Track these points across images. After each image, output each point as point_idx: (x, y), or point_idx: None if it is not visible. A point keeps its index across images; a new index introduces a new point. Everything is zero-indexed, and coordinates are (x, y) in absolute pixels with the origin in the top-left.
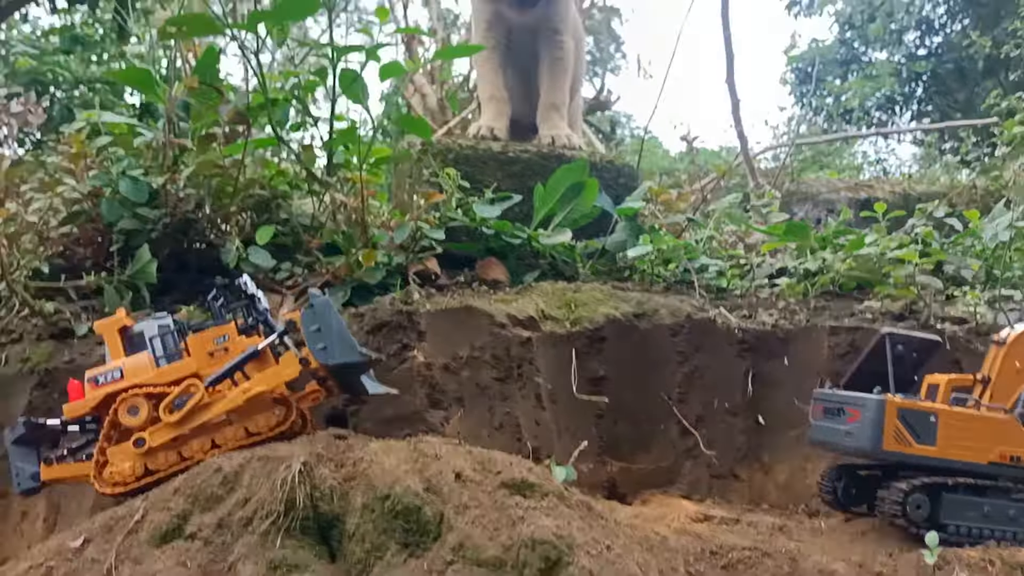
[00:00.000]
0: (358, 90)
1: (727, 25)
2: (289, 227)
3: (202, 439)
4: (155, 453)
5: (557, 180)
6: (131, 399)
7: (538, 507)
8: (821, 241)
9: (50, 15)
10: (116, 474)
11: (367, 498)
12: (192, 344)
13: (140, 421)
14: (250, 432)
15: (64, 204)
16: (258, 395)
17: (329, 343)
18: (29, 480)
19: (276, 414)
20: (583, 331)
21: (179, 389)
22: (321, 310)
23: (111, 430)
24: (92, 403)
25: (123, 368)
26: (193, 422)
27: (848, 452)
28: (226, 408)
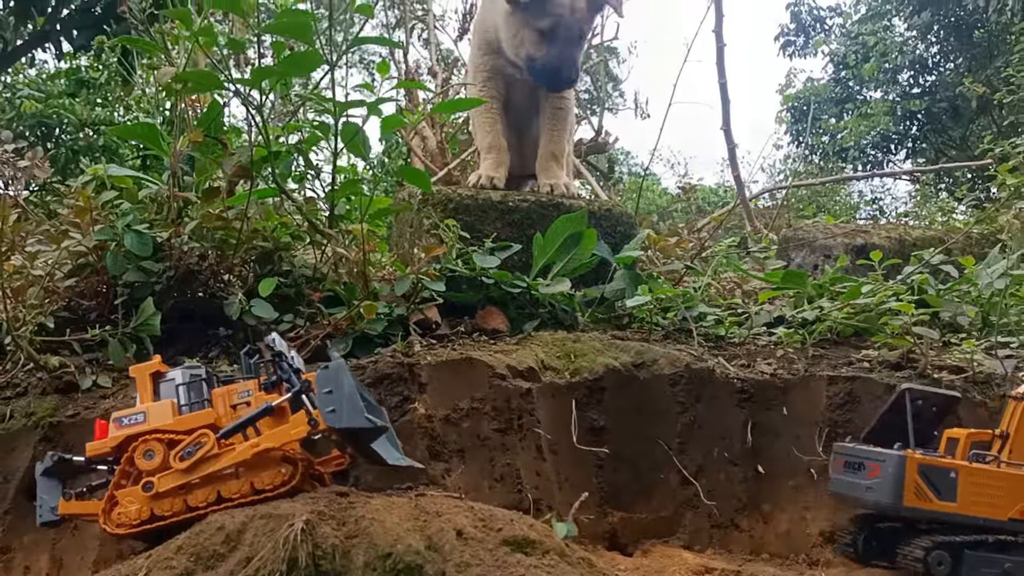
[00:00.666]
0: (359, 144)
1: (722, 72)
2: (291, 279)
3: (208, 489)
4: (161, 499)
5: (556, 230)
6: (149, 443)
7: (539, 564)
8: (818, 288)
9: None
10: (123, 515)
11: (369, 556)
12: (216, 396)
13: (155, 466)
14: (255, 488)
15: (70, 257)
16: (266, 451)
17: (339, 406)
18: (50, 513)
19: (282, 472)
20: (583, 381)
21: (191, 438)
22: (335, 372)
23: (126, 472)
24: (113, 443)
25: (146, 412)
26: (201, 471)
27: (869, 507)
28: (234, 461)
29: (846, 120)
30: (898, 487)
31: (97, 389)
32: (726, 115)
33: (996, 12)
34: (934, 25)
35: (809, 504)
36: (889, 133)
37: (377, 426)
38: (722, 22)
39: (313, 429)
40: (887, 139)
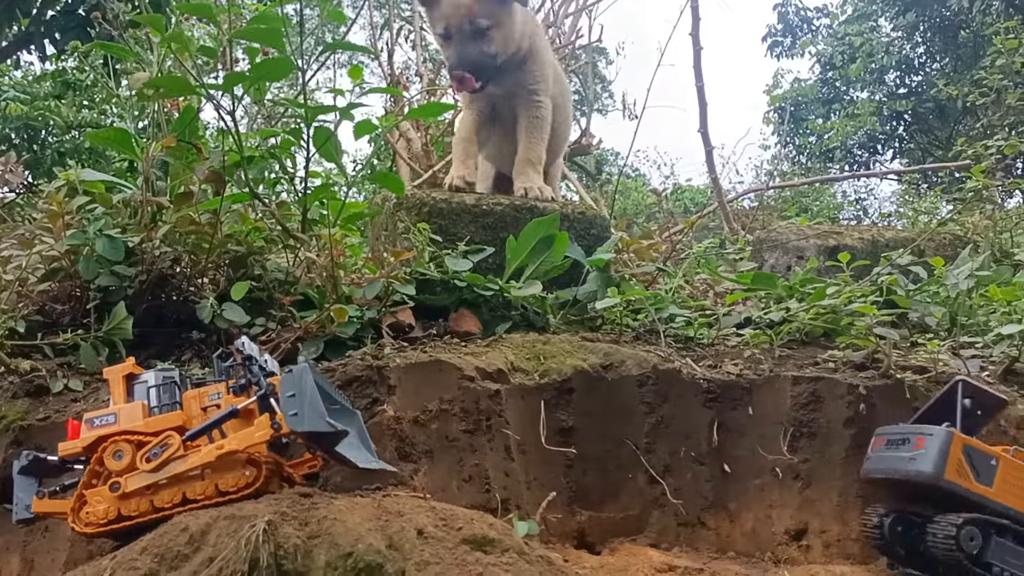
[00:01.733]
0: (332, 148)
1: (700, 75)
2: (264, 283)
3: (174, 490)
4: (128, 499)
5: (528, 233)
6: (119, 444)
7: (498, 563)
8: (788, 290)
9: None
10: (91, 514)
11: (330, 556)
12: (186, 398)
13: (124, 466)
14: (220, 489)
15: (43, 262)
16: (230, 453)
17: (301, 410)
18: (24, 511)
19: (247, 474)
20: (551, 383)
21: (157, 440)
22: (299, 376)
23: (95, 472)
24: (84, 443)
25: (117, 414)
26: (166, 473)
27: (907, 477)
28: (199, 463)
29: (833, 120)
30: (941, 460)
31: (68, 392)
32: (703, 118)
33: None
34: (920, 26)
35: (774, 503)
36: (875, 133)
37: (337, 430)
38: (699, 25)
39: (276, 432)
40: (873, 139)
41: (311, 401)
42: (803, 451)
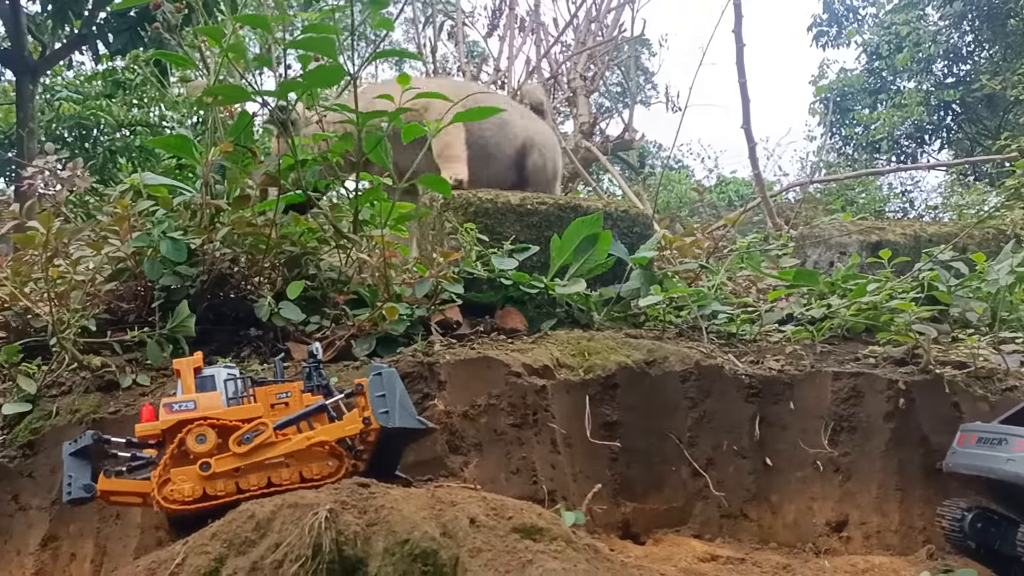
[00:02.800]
0: (382, 152)
1: (742, 72)
2: (318, 282)
3: (260, 475)
4: (216, 479)
5: (572, 232)
6: (200, 428)
7: (546, 551)
8: (830, 286)
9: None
10: (176, 492)
11: (388, 543)
12: (259, 393)
13: (206, 449)
14: (304, 477)
15: (109, 263)
16: (318, 444)
17: (392, 408)
18: (81, 490)
19: (330, 465)
20: (596, 378)
21: (250, 425)
22: (388, 378)
23: (176, 453)
24: (164, 426)
25: (197, 401)
26: (256, 457)
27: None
28: (287, 451)
29: (879, 111)
30: None
31: (136, 387)
32: (746, 114)
33: None
34: (968, 14)
35: (815, 495)
36: (923, 124)
37: (427, 427)
38: (741, 23)
39: (366, 427)
40: (921, 130)
41: (401, 400)
42: (843, 445)
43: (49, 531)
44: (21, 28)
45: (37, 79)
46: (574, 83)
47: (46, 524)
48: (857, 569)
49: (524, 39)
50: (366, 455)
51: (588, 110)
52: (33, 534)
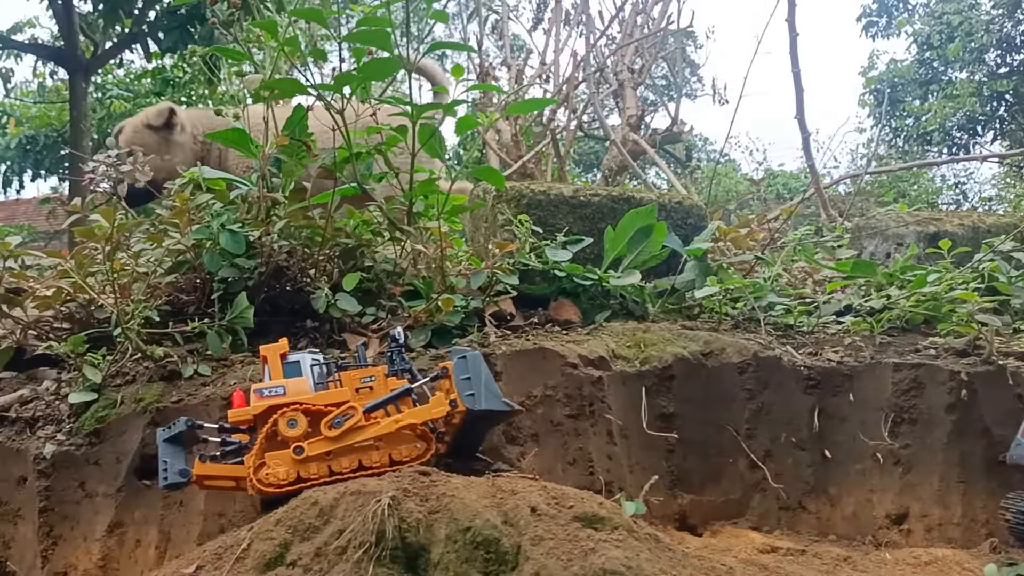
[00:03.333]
0: (436, 144)
1: (796, 62)
2: (373, 273)
3: (351, 457)
4: (309, 463)
5: (627, 223)
6: (291, 413)
7: (608, 539)
8: (888, 277)
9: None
10: (271, 476)
11: (450, 530)
12: (344, 378)
13: (297, 433)
14: (393, 460)
15: (169, 255)
16: (407, 427)
17: (477, 391)
18: (177, 475)
19: (418, 447)
20: (652, 369)
21: (340, 410)
22: (472, 361)
23: (268, 438)
24: (255, 411)
25: (286, 386)
26: (346, 441)
27: None
28: (377, 434)
29: (930, 102)
30: None
31: (197, 377)
32: (800, 105)
33: None
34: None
35: (875, 487)
36: (975, 115)
37: (513, 408)
38: (794, 11)
39: (452, 410)
40: (973, 121)
41: (487, 383)
42: (904, 437)
43: (115, 518)
44: (74, 27)
45: (89, 77)
46: (621, 75)
47: (112, 511)
48: (920, 562)
49: (570, 32)
50: (448, 437)
51: (635, 103)
52: (99, 520)
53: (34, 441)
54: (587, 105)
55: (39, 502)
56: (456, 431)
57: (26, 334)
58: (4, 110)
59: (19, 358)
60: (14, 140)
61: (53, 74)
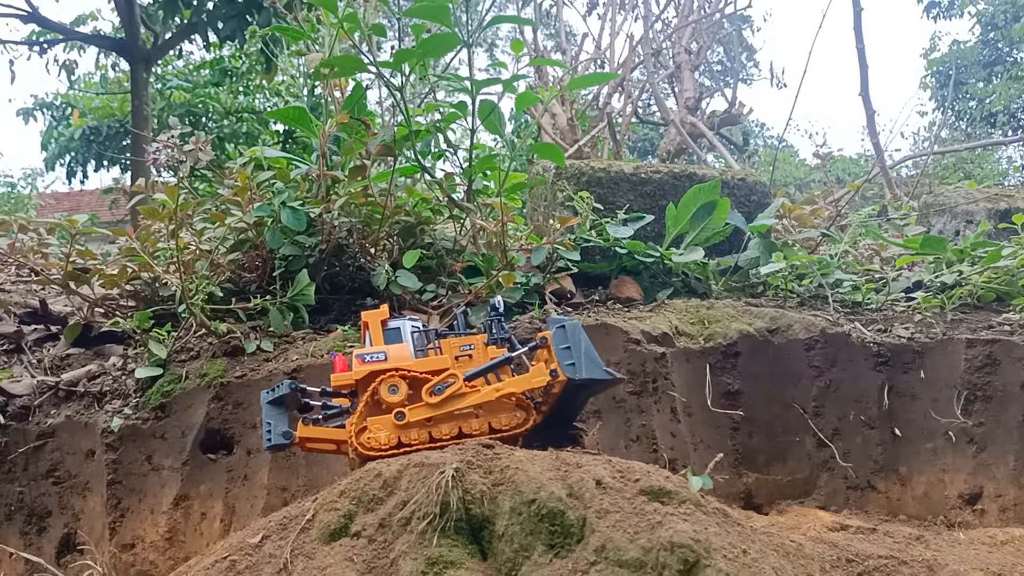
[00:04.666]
0: (495, 120)
1: (860, 37)
2: (433, 251)
3: (451, 425)
4: (409, 428)
5: (689, 200)
6: (392, 379)
7: (675, 513)
8: (959, 254)
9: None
10: (373, 440)
11: (514, 502)
12: (444, 346)
13: (398, 399)
14: (493, 428)
15: (231, 233)
16: (507, 395)
17: (577, 360)
18: (280, 437)
19: (517, 416)
20: (717, 346)
21: (441, 376)
22: (571, 331)
23: (371, 403)
24: (357, 376)
25: (387, 352)
26: (447, 408)
27: None
28: (477, 401)
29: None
30: None
31: (260, 353)
32: (864, 81)
33: None
34: None
35: (947, 467)
36: None
37: (615, 377)
38: None
39: (553, 379)
40: None
41: (587, 352)
42: (977, 415)
43: (180, 491)
44: (135, 19)
45: (150, 68)
46: (678, 58)
47: (178, 484)
48: (995, 541)
49: (625, 16)
50: (545, 407)
51: (693, 85)
52: (165, 493)
53: (102, 415)
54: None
55: (107, 475)
56: (556, 400)
57: (93, 311)
58: (68, 102)
59: (87, 335)
60: (78, 131)
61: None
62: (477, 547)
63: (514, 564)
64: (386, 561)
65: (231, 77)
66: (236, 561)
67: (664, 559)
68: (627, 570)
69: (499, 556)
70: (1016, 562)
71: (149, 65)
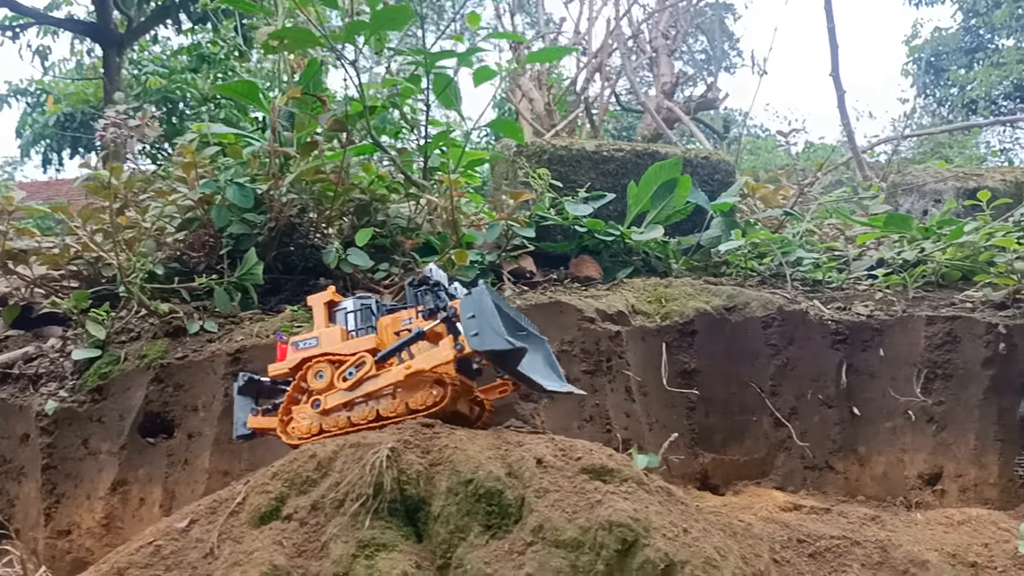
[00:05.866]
0: (451, 95)
1: (830, 16)
2: (387, 229)
3: (368, 408)
4: (329, 415)
5: (650, 177)
6: (319, 365)
7: (616, 491)
8: (924, 232)
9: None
10: (297, 429)
11: (451, 482)
12: (381, 323)
13: (324, 385)
14: (410, 407)
15: (179, 211)
16: (418, 373)
17: (481, 329)
18: (242, 427)
19: (434, 393)
20: (673, 325)
21: (352, 360)
22: (477, 298)
23: (299, 390)
24: (291, 364)
25: (319, 337)
26: (361, 391)
27: None
28: (389, 382)
29: (976, 70)
30: None
31: (204, 334)
32: (835, 61)
33: None
34: None
35: (907, 447)
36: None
37: (515, 347)
38: None
39: (459, 353)
40: (1020, 88)
41: (490, 320)
42: (937, 393)
43: (118, 476)
44: (107, 2)
45: (123, 52)
46: (656, 42)
47: (115, 469)
48: (952, 521)
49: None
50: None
51: (670, 70)
52: (103, 479)
53: (37, 398)
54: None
55: (42, 459)
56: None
57: (32, 291)
58: (42, 88)
59: (27, 316)
60: (52, 118)
61: (90, 51)
62: (412, 529)
63: (449, 546)
64: (317, 544)
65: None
66: (161, 546)
67: (602, 538)
68: (564, 550)
69: (434, 538)
70: (972, 542)
71: (122, 49)
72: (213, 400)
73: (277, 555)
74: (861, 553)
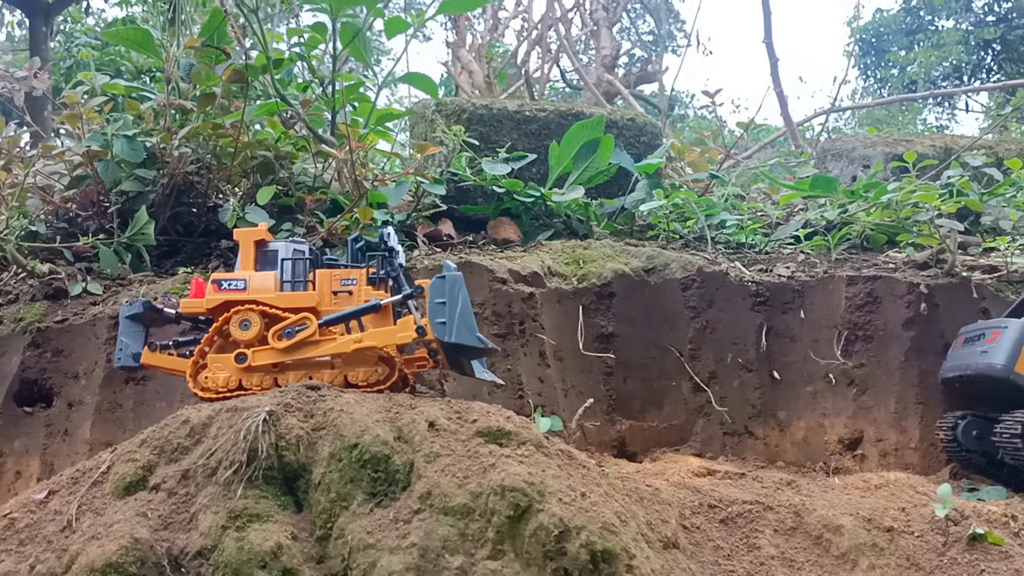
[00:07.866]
0: (360, 46)
1: None
2: (292, 188)
3: (300, 373)
4: (253, 372)
5: (572, 137)
6: (246, 313)
7: (512, 455)
8: (849, 195)
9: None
10: (210, 380)
11: (335, 447)
12: (320, 278)
13: (249, 337)
14: (349, 381)
15: (67, 168)
16: (366, 348)
17: (450, 320)
18: (130, 359)
19: (378, 372)
20: (590, 287)
21: (294, 319)
22: (451, 284)
23: (216, 337)
24: (209, 304)
25: (248, 280)
26: (297, 354)
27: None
28: (332, 351)
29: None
30: (1014, 352)
31: (87, 296)
32: (768, 27)
33: None
34: None
35: (827, 411)
36: (961, 64)
37: (487, 347)
38: None
39: (420, 337)
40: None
41: (463, 313)
42: (858, 355)
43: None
44: None
45: (50, 21)
46: (596, 14)
47: None
48: (870, 485)
49: None
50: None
51: (611, 42)
52: None
53: None
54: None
55: None
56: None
57: None
58: None
59: None
60: None
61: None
62: (292, 498)
63: (330, 515)
64: (186, 516)
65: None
66: (16, 519)
67: (494, 504)
68: (453, 517)
69: (314, 507)
70: (888, 506)
71: (49, 17)
72: (95, 367)
73: (140, 527)
74: (774, 518)
